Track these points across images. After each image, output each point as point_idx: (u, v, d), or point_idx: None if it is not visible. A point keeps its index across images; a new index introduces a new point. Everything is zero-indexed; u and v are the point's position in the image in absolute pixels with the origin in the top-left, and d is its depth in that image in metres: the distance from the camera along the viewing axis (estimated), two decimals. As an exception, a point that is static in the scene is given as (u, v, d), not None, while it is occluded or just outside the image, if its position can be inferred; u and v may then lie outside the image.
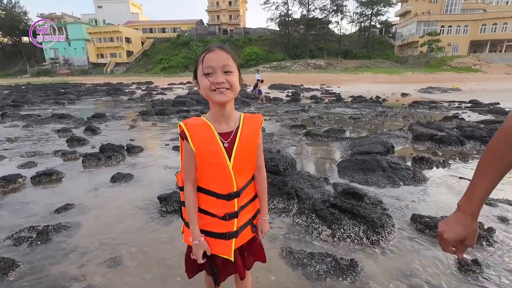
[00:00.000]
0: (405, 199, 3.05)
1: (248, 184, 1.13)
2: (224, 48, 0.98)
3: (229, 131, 1.04)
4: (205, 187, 1.07)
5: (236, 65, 1.00)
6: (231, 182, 1.05)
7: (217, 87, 0.95)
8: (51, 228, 2.43)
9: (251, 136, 1.07)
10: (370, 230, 2.30)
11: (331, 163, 4.38)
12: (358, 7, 47.56)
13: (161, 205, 2.88)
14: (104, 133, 6.88)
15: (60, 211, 2.81)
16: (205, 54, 0.96)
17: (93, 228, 2.51)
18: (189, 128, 1.00)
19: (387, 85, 24.68)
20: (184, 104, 11.72)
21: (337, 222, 2.37)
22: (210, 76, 0.95)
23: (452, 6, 45.29)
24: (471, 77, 30.04)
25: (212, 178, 1.05)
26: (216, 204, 1.07)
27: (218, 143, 1.01)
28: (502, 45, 41.87)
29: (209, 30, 57.31)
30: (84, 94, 18.36)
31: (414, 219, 2.50)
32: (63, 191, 3.35)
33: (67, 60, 54.52)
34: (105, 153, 4.66)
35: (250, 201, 1.17)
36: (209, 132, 1.01)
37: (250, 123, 1.08)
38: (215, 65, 0.94)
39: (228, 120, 1.05)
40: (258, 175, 1.17)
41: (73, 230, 2.47)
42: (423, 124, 6.57)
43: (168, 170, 4.08)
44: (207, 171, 1.04)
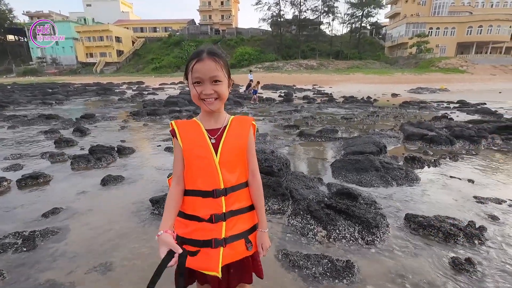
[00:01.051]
0: (399, 199, 3.07)
1: (238, 188, 1.06)
2: (213, 56, 0.96)
3: (217, 127, 1.05)
4: (191, 188, 1.03)
5: (226, 73, 1.00)
6: (217, 177, 1.00)
7: (205, 98, 0.98)
8: (38, 234, 2.34)
9: (239, 134, 1.06)
10: (365, 230, 2.30)
11: (324, 163, 4.38)
12: (349, 8, 48.23)
13: (154, 207, 2.81)
14: (93, 134, 6.72)
15: (48, 215, 2.71)
16: (194, 63, 0.96)
17: (83, 233, 2.43)
18: (179, 125, 1.04)
19: (378, 85, 25.06)
20: (176, 104, 11.59)
21: (332, 223, 2.36)
22: (199, 85, 0.97)
23: (440, 8, 46.42)
24: (458, 77, 30.86)
25: (198, 174, 1.01)
26: (202, 204, 1.02)
27: (204, 137, 1.02)
28: (488, 46, 43.18)
29: (201, 30, 56.92)
30: (72, 94, 17.94)
31: (408, 219, 2.52)
32: (50, 194, 3.23)
33: (55, 59, 53.19)
34: (95, 155, 4.55)
35: (244, 210, 1.08)
36: (197, 128, 1.03)
37: (238, 122, 1.09)
38: (204, 77, 0.96)
39: (217, 119, 1.07)
40: (252, 180, 1.11)
41: (61, 235, 2.38)
42: (414, 124, 6.68)
43: (160, 171, 4.01)
44: (193, 167, 1.01)
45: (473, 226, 2.36)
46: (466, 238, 2.23)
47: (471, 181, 3.55)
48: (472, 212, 2.75)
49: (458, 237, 2.23)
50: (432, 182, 3.56)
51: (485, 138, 5.52)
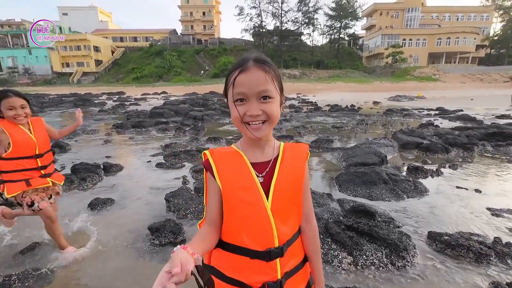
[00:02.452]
0: (414, 214, 2.94)
1: (293, 239, 0.82)
2: (262, 64, 0.74)
3: (265, 160, 0.81)
4: (233, 242, 0.78)
5: (278, 87, 0.76)
6: (271, 232, 0.76)
7: (250, 121, 0.74)
8: (15, 279, 1.94)
9: (294, 169, 0.82)
10: (394, 254, 2.12)
11: (328, 177, 4.23)
12: (328, 20, 50.02)
13: (153, 237, 2.48)
14: (74, 149, 6.19)
15: (25, 252, 2.30)
16: (237, 74, 0.73)
17: (69, 274, 2.06)
18: (216, 157, 0.79)
19: (359, 93, 25.84)
20: (162, 115, 11.15)
21: (358, 248, 2.16)
22: (242, 103, 0.74)
23: (411, 21, 49.36)
24: (432, 85, 32.61)
25: (244, 227, 0.76)
26: (250, 268, 0.76)
27: (251, 175, 0.77)
28: (456, 56, 46.25)
29: (183, 39, 56.59)
30: (48, 106, 16.87)
31: (432, 237, 2.38)
32: (28, 225, 2.79)
33: (28, 69, 50.42)
34: (78, 174, 4.11)
35: (299, 267, 0.84)
36: (240, 162, 0.79)
37: (292, 153, 0.84)
38: (249, 92, 0.72)
39: (264, 149, 0.82)
40: (307, 227, 0.87)
41: (44, 278, 1.99)
42: (406, 132, 6.76)
43: (154, 191, 3.66)
44: (236, 215, 0.76)
45: (500, 243, 2.25)
46: (498, 258, 2.11)
47: (479, 191, 3.52)
48: (492, 226, 2.67)
49: (490, 257, 2.10)
50: (440, 194, 3.49)
51: (476, 146, 5.65)
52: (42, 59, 50.68)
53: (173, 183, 3.97)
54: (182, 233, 2.53)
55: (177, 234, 2.48)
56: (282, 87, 0.79)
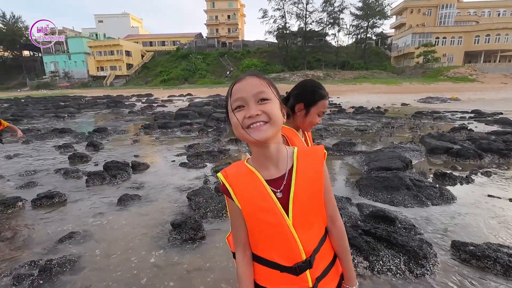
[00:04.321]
0: (438, 222, 2.82)
1: (321, 243, 0.83)
2: (256, 74, 0.77)
3: (279, 175, 0.79)
4: (262, 256, 0.80)
5: (274, 91, 0.77)
6: (297, 248, 0.77)
7: (251, 123, 0.72)
8: (55, 263, 2.17)
9: (312, 177, 0.80)
10: (412, 261, 2.07)
11: (349, 181, 4.16)
12: (354, 20, 48.67)
13: (175, 232, 2.63)
14: (106, 148, 6.66)
15: (64, 240, 2.56)
16: (233, 85, 0.76)
17: (101, 262, 2.26)
18: (231, 180, 0.80)
19: (386, 95, 24.81)
20: (186, 117, 11.57)
21: (374, 253, 2.13)
22: (241, 109, 0.74)
23: (446, 18, 46.47)
24: (468, 86, 30.40)
25: (269, 244, 0.79)
26: (281, 280, 0.79)
27: (268, 195, 0.77)
28: (496, 55, 42.72)
29: (208, 43, 58.12)
30: (84, 107, 18.21)
31: (457, 247, 2.27)
32: (66, 216, 3.10)
33: (67, 73, 54.75)
34: (110, 172, 4.43)
35: (330, 267, 0.86)
36: (255, 181, 0.78)
37: (307, 159, 0.82)
38: (246, 95, 0.73)
39: (277, 162, 0.80)
40: (332, 227, 0.87)
41: (78, 265, 2.21)
42: (435, 136, 6.42)
43: (177, 190, 3.85)
44: (261, 233, 0.79)
45: (533, 257, 2.10)
46: (530, 272, 1.97)
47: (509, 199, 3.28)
48: (524, 238, 2.49)
49: (521, 271, 1.97)
50: (469, 202, 3.30)
51: (514, 152, 5.22)
52: (80, 63, 54.74)
53: (195, 182, 4.15)
54: (202, 230, 2.65)
55: (197, 231, 2.61)
56: (279, 94, 0.80)
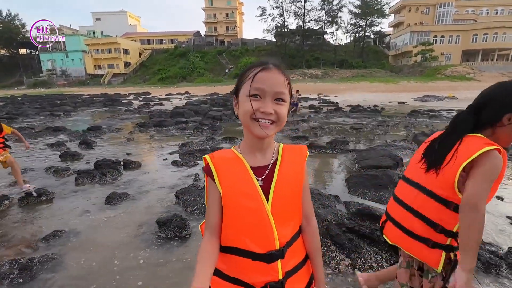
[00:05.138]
0: (424, 220, 2.83)
1: (294, 239, 0.83)
2: (282, 69, 0.77)
3: (264, 164, 0.82)
4: (235, 246, 0.79)
5: (290, 93, 0.79)
6: (272, 235, 0.77)
7: (262, 118, 0.74)
8: (36, 262, 2.16)
9: (293, 171, 0.83)
10: (394, 259, 2.07)
11: (339, 179, 4.17)
12: (352, 18, 48.66)
13: (160, 230, 2.63)
14: (99, 147, 6.64)
15: (48, 239, 2.54)
16: (259, 70, 0.74)
17: (84, 261, 2.24)
18: (216, 162, 0.79)
19: (384, 94, 24.84)
20: (182, 115, 11.55)
21: (357, 250, 2.14)
22: (256, 99, 0.74)
23: (444, 17, 46.52)
24: (466, 85, 30.44)
25: (245, 231, 0.78)
26: (252, 269, 0.78)
27: (252, 180, 0.78)
28: (494, 54, 42.82)
29: (206, 41, 57.98)
30: (80, 106, 18.14)
31: (439, 245, 2.28)
32: (52, 214, 3.08)
33: (65, 71, 54.52)
34: (100, 170, 4.42)
35: (300, 265, 0.86)
36: (241, 167, 0.79)
37: (291, 155, 0.85)
38: (268, 89, 0.73)
39: (265, 153, 0.83)
40: (307, 227, 0.88)
41: (61, 264, 2.20)
42: (428, 135, 6.42)
43: (167, 188, 3.84)
44: (238, 220, 0.78)
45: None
46: (510, 269, 1.98)
47: (501, 198, 3.29)
48: (509, 235, 2.50)
49: (501, 268, 1.98)
50: (457, 200, 3.30)
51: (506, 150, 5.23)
52: (77, 61, 54.51)
53: (185, 180, 4.14)
54: (187, 228, 2.65)
55: (182, 229, 2.61)
56: (291, 95, 0.81)
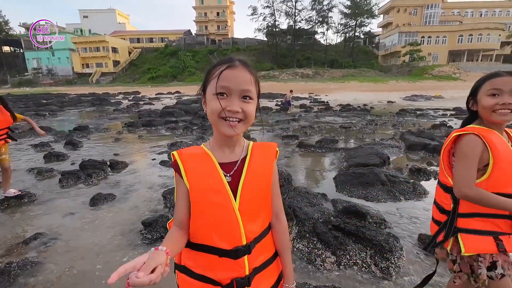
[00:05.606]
0: (409, 216, 2.89)
1: (262, 236, 0.83)
2: (248, 67, 0.76)
3: (233, 160, 0.81)
4: (202, 242, 0.79)
5: (257, 91, 0.78)
6: (238, 231, 0.77)
7: (229, 116, 0.73)
8: (15, 266, 2.09)
9: (262, 169, 0.82)
10: (378, 255, 2.10)
11: (327, 177, 4.20)
12: (342, 18, 49.16)
13: (146, 231, 2.59)
14: (86, 147, 6.49)
15: (29, 242, 2.46)
16: (225, 68, 0.73)
17: (66, 264, 2.19)
18: (184, 158, 0.79)
19: (373, 93, 25.22)
20: (172, 114, 11.42)
21: (342, 247, 2.16)
22: (223, 98, 0.73)
23: (431, 18, 47.59)
24: (452, 85, 31.25)
25: (211, 227, 0.77)
26: (219, 265, 0.78)
27: (219, 175, 0.77)
28: (478, 54, 44.11)
29: (197, 40, 57.45)
30: (67, 105, 17.69)
31: (423, 240, 2.33)
32: (34, 217, 2.99)
33: (51, 70, 52.99)
34: (86, 171, 4.32)
35: (269, 262, 0.85)
36: (209, 163, 0.79)
37: (261, 152, 0.85)
38: (234, 87, 0.73)
39: (234, 149, 0.83)
40: (277, 224, 0.89)
41: (41, 268, 2.13)
42: (414, 133, 6.57)
43: (154, 188, 3.79)
44: (204, 215, 0.77)
45: None
46: (488, 262, 2.04)
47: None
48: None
49: (480, 262, 2.03)
50: (441, 196, 3.38)
51: (488, 147, 5.40)
52: (64, 60, 53.09)
53: (173, 180, 4.08)
54: (173, 228, 2.62)
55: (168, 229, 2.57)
56: (260, 93, 0.81)
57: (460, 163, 1.12)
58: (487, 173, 1.08)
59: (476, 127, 1.13)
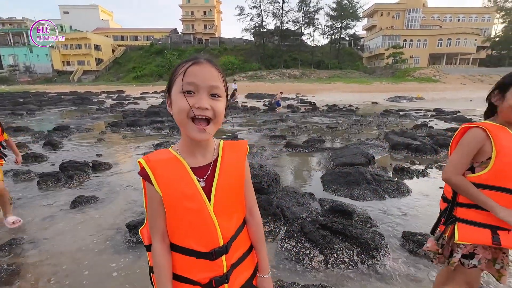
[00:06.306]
0: (393, 214, 2.96)
1: (238, 233, 0.85)
2: (214, 63, 0.74)
3: (205, 164, 0.80)
4: (179, 244, 0.79)
5: (225, 88, 0.77)
6: (215, 234, 0.77)
7: (198, 114, 0.70)
8: (-12, 274, 1.97)
9: (234, 168, 0.82)
10: (364, 253, 2.14)
11: (314, 176, 4.25)
12: (328, 20, 49.98)
13: (130, 234, 2.51)
14: (67, 147, 6.23)
15: (3, 249, 2.33)
16: (190, 65, 0.71)
17: (44, 271, 2.08)
18: (152, 165, 0.75)
19: (358, 94, 25.81)
20: (158, 114, 11.18)
21: (329, 246, 2.18)
22: (191, 96, 0.70)
23: (412, 22, 49.30)
24: (432, 86, 32.52)
25: (188, 231, 0.77)
26: (197, 266, 0.78)
27: (192, 182, 0.75)
28: (456, 58, 46.14)
29: (183, 39, 56.63)
30: (46, 104, 16.95)
31: (406, 237, 2.39)
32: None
33: (29, 68, 50.61)
34: (66, 172, 4.14)
35: (245, 255, 0.88)
36: (180, 168, 0.76)
37: (232, 151, 0.84)
38: (201, 83, 0.70)
39: (205, 152, 0.81)
40: (251, 220, 0.90)
41: (17, 276, 2.02)
42: (397, 133, 6.76)
43: (139, 190, 3.68)
44: (180, 221, 0.76)
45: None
46: (468, 257, 2.12)
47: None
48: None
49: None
50: (423, 194, 3.50)
51: (466, 147, 5.64)
52: (43, 57, 50.87)
53: (159, 181, 4.00)
54: (159, 230, 2.55)
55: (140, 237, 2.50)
56: (228, 91, 0.79)
57: (456, 150, 1.19)
58: (489, 166, 1.10)
59: (487, 123, 1.16)
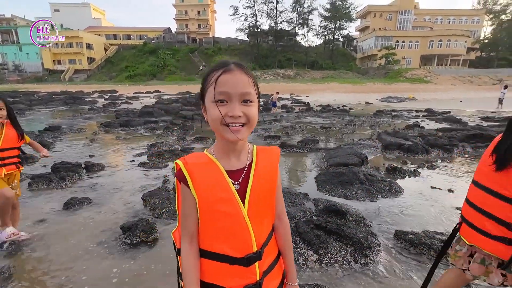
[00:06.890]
0: (386, 213, 3.02)
1: (269, 238, 0.84)
2: (244, 69, 0.74)
3: (239, 168, 0.80)
4: (211, 250, 0.78)
5: (257, 93, 0.77)
6: (250, 239, 0.76)
7: (231, 122, 0.71)
8: (-21, 278, 1.94)
9: (268, 173, 0.82)
10: (358, 252, 2.18)
11: (309, 177, 4.29)
12: (322, 21, 50.35)
13: (125, 236, 2.50)
14: (58, 148, 6.14)
15: (-6, 252, 2.29)
16: (221, 73, 0.71)
17: (35, 275, 2.06)
18: (190, 168, 0.75)
19: (352, 94, 26.07)
20: (152, 114, 11.10)
21: (323, 246, 2.21)
22: (223, 104, 0.71)
23: (404, 23, 49.99)
24: (424, 87, 33.07)
25: (222, 236, 0.77)
26: (230, 273, 0.77)
27: (228, 185, 0.76)
28: (447, 59, 46.99)
29: (177, 38, 56.22)
30: (37, 104, 16.63)
31: (398, 236, 2.45)
32: (0, 224, 2.78)
33: (18, 66, 49.49)
34: (58, 174, 4.09)
35: (274, 263, 0.86)
36: (216, 172, 0.77)
37: (265, 156, 0.85)
38: (233, 92, 0.71)
39: (240, 155, 0.81)
40: (280, 225, 0.90)
41: (9, 280, 1.99)
42: (390, 134, 6.87)
43: (133, 191, 3.66)
44: (214, 225, 0.76)
45: (461, 241, 2.33)
46: (457, 255, 2.18)
47: (451, 191, 3.62)
48: (457, 225, 2.75)
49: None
50: (414, 194, 3.57)
51: (456, 147, 5.78)
52: (33, 56, 49.81)
53: (153, 182, 3.98)
54: (154, 232, 2.55)
55: (149, 233, 2.50)
56: (259, 94, 0.79)
57: None
58: None
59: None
